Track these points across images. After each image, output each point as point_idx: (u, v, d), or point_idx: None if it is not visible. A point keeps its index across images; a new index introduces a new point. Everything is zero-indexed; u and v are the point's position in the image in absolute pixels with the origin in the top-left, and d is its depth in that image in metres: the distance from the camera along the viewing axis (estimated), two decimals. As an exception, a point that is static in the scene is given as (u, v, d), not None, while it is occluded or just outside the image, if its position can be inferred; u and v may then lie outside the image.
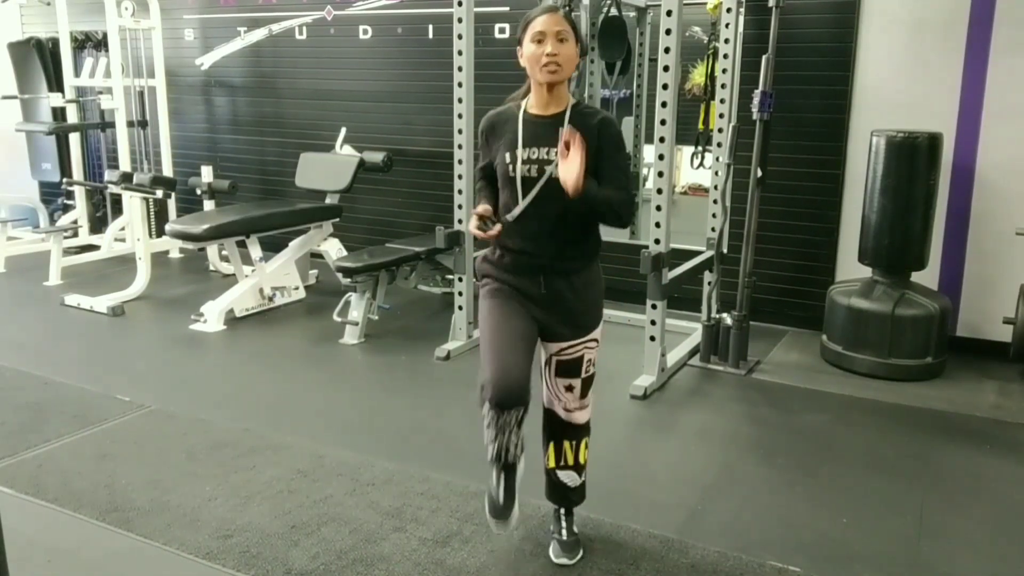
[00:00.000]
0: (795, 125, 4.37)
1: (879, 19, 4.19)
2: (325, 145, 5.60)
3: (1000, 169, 4.05)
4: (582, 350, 2.27)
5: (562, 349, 2.26)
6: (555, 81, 2.14)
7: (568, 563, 2.35)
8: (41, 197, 6.97)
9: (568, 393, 2.31)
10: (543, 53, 2.09)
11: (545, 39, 2.10)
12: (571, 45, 2.12)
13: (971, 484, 2.90)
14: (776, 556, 2.39)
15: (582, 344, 2.26)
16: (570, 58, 2.13)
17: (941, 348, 3.90)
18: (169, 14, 6.13)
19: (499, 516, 2.16)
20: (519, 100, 2.26)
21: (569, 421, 2.35)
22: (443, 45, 4.71)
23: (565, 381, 2.30)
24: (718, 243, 4.25)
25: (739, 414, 3.52)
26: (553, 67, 2.10)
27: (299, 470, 2.89)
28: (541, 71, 2.11)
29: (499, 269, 2.26)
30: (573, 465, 2.37)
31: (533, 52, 2.11)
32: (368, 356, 4.22)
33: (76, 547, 2.44)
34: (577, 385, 2.30)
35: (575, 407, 2.34)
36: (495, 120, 2.26)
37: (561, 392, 2.32)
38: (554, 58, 2.09)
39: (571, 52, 2.13)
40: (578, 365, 2.28)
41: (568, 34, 2.12)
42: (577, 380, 2.29)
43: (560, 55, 2.10)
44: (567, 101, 2.19)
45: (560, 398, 2.32)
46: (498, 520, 2.17)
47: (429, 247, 4.51)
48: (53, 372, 3.83)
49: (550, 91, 2.17)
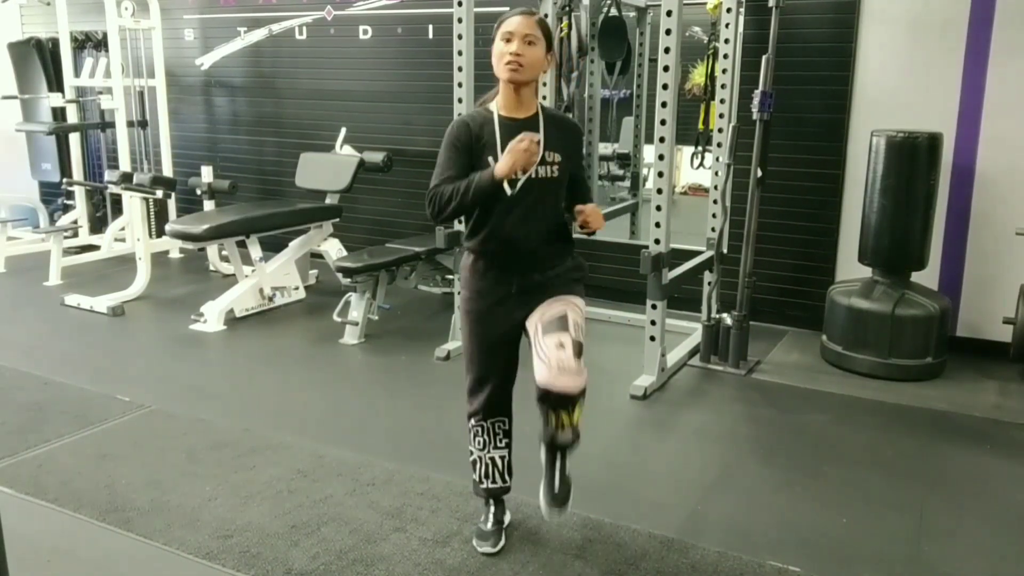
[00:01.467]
0: (795, 125, 4.36)
1: (879, 19, 4.19)
2: (325, 145, 5.60)
3: (1000, 169, 4.05)
4: (564, 306, 2.19)
5: (545, 312, 2.18)
6: (515, 80, 2.17)
7: (558, 516, 2.24)
8: (41, 197, 6.98)
9: (560, 351, 2.09)
10: (508, 51, 2.13)
11: (513, 39, 2.13)
12: (538, 50, 2.16)
13: (971, 484, 2.90)
14: (776, 556, 2.39)
15: (563, 301, 2.21)
16: (534, 61, 2.16)
17: (941, 348, 3.90)
18: (169, 14, 6.13)
19: (485, 541, 2.40)
20: (488, 103, 2.28)
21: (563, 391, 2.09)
22: (443, 45, 4.71)
23: (554, 337, 2.12)
24: (718, 243, 4.25)
25: (739, 414, 3.52)
26: (515, 66, 2.14)
27: (299, 470, 2.89)
28: (503, 68, 2.15)
29: (474, 276, 2.30)
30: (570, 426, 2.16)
31: (500, 50, 2.16)
32: (368, 356, 4.22)
33: (76, 547, 2.44)
34: (567, 341, 2.10)
35: (568, 366, 2.08)
36: (473, 126, 2.23)
37: (553, 351, 2.10)
38: (517, 58, 2.13)
39: (537, 56, 2.16)
40: (563, 320, 2.15)
41: (537, 39, 2.15)
42: (566, 335, 2.12)
43: (524, 56, 2.13)
44: (536, 103, 2.25)
45: (551, 358, 2.10)
46: (483, 544, 2.39)
47: (429, 247, 4.51)
48: (53, 372, 3.84)
49: (517, 92, 2.20)
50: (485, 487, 2.45)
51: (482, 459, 2.43)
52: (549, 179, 2.22)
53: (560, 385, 2.07)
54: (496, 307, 2.29)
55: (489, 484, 2.44)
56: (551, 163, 2.21)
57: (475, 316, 2.33)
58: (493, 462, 2.42)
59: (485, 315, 2.31)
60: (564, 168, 2.24)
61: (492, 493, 2.46)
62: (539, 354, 2.12)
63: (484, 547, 2.39)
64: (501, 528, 2.45)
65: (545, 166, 2.20)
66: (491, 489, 2.45)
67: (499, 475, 2.44)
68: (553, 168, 2.22)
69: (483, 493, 2.47)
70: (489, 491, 2.45)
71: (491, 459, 2.42)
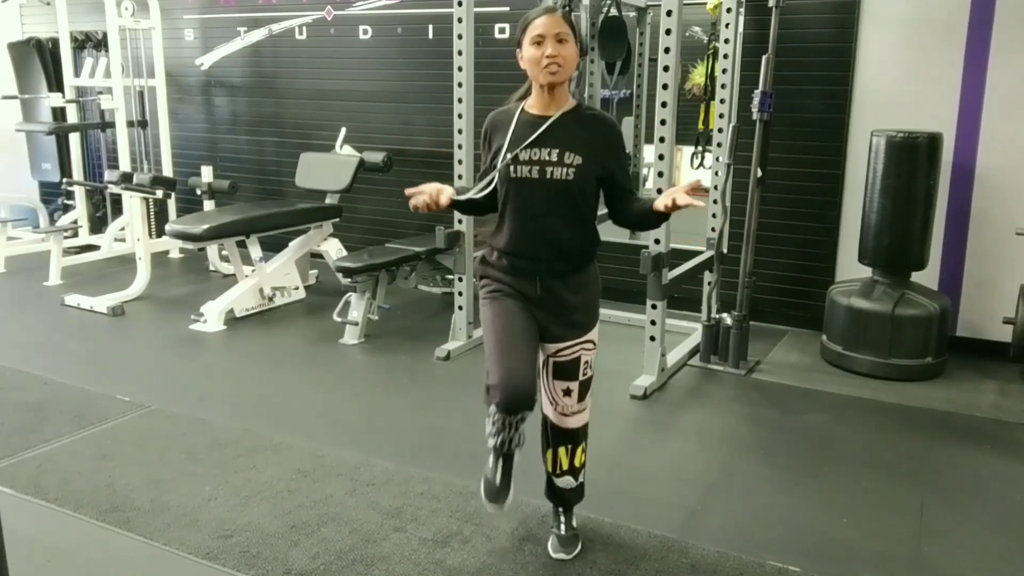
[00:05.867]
0: (795, 125, 4.37)
1: (879, 19, 4.19)
2: (325, 145, 5.60)
3: (1000, 169, 4.04)
4: (579, 351, 2.26)
5: (559, 350, 2.26)
6: (556, 82, 2.14)
7: (566, 558, 2.36)
8: (41, 197, 6.97)
9: (566, 397, 2.30)
10: (543, 55, 2.09)
11: (544, 41, 2.09)
12: (571, 46, 2.13)
13: (971, 484, 2.90)
14: (776, 556, 2.39)
15: (579, 345, 2.26)
16: (570, 58, 2.13)
17: (941, 348, 3.90)
18: (169, 14, 6.13)
19: (494, 499, 2.19)
20: (519, 100, 2.26)
21: (565, 427, 2.34)
22: (443, 45, 4.71)
23: (563, 384, 2.29)
24: (718, 243, 4.25)
25: (739, 414, 3.52)
26: (554, 68, 2.10)
27: (299, 470, 2.89)
28: (542, 72, 2.11)
29: (497, 270, 2.26)
30: (569, 470, 2.38)
31: (533, 54, 2.11)
32: (368, 356, 4.22)
33: (76, 547, 2.44)
34: (575, 388, 2.29)
35: (572, 411, 2.32)
36: (497, 120, 2.27)
37: (559, 396, 2.31)
38: (554, 59, 2.09)
39: (571, 52, 2.13)
40: (575, 367, 2.27)
41: (567, 35, 2.12)
42: (575, 383, 2.29)
43: (560, 56, 2.10)
44: (568, 102, 2.20)
45: (558, 402, 2.31)
46: (493, 503, 2.20)
47: (429, 247, 4.51)
48: (53, 372, 3.83)
49: (551, 92, 2.17)
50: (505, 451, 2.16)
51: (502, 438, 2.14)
52: (563, 181, 2.13)
53: (560, 424, 2.33)
54: (521, 296, 2.21)
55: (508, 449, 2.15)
56: (568, 164, 2.12)
57: (498, 295, 2.23)
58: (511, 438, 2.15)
59: (510, 300, 2.21)
60: (584, 171, 2.13)
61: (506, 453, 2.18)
62: (547, 393, 2.32)
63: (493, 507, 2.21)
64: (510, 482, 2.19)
65: (561, 167, 2.12)
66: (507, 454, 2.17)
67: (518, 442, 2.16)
68: (568, 171, 2.12)
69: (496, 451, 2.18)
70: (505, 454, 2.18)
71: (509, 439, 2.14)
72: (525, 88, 2.26)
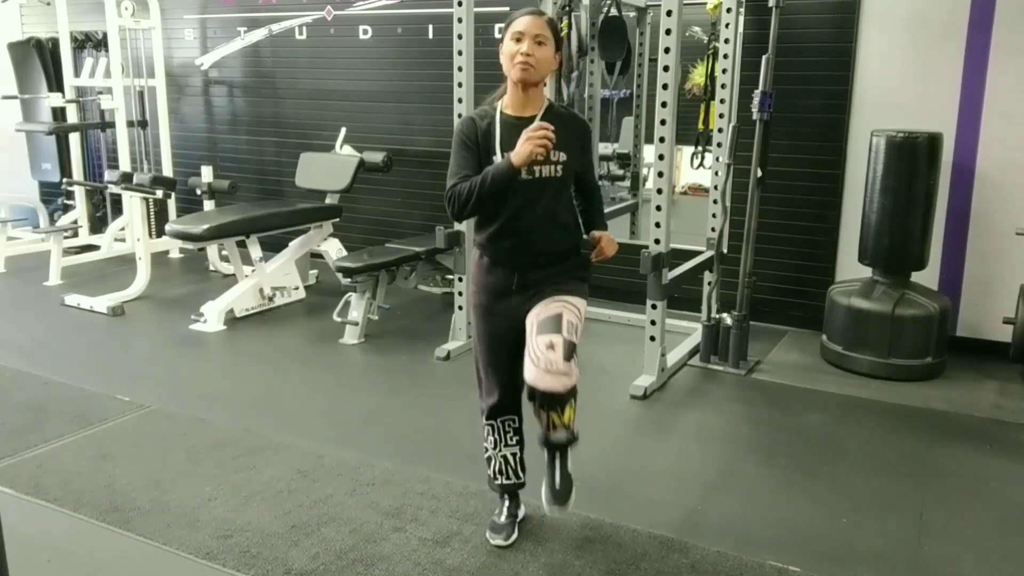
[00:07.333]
0: (795, 125, 4.37)
1: (879, 19, 4.19)
2: (325, 145, 5.60)
3: (1000, 169, 4.05)
4: (560, 308, 2.20)
5: (542, 309, 2.21)
6: (527, 80, 2.17)
7: (559, 514, 2.28)
8: (41, 197, 6.97)
9: (550, 351, 2.12)
10: (519, 51, 2.13)
11: (523, 39, 2.14)
12: (548, 49, 2.17)
13: (971, 484, 2.90)
14: (776, 556, 2.39)
15: (560, 302, 2.22)
16: (545, 61, 2.17)
17: (941, 348, 3.90)
18: (169, 14, 6.13)
19: (497, 533, 2.44)
20: (495, 102, 2.28)
21: (552, 390, 2.12)
22: (443, 45, 4.71)
23: (546, 338, 2.14)
24: (718, 243, 4.25)
25: (739, 414, 3.52)
26: (525, 66, 2.14)
27: (299, 470, 2.89)
28: (514, 68, 2.15)
29: (480, 271, 2.33)
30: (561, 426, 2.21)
31: (510, 50, 2.16)
32: (368, 356, 4.22)
33: (76, 547, 2.44)
34: (558, 343, 2.12)
35: (557, 369, 2.11)
36: (479, 123, 2.25)
37: (543, 351, 2.13)
38: (528, 58, 2.13)
39: (547, 55, 2.17)
40: (558, 320, 2.16)
41: (547, 39, 2.16)
42: (558, 336, 2.13)
43: (535, 56, 2.14)
44: (543, 102, 2.25)
45: (542, 357, 2.13)
46: (495, 536, 2.43)
47: (429, 247, 4.51)
48: (53, 372, 3.84)
49: (525, 91, 2.20)
50: (499, 483, 2.48)
51: (495, 457, 2.46)
52: (552, 178, 2.21)
53: (545, 385, 2.11)
54: (499, 301, 2.30)
55: (503, 480, 2.47)
56: (555, 162, 2.20)
57: (481, 311, 2.36)
58: (505, 459, 2.45)
59: (490, 310, 2.33)
60: (569, 168, 2.24)
61: (506, 488, 2.49)
62: (530, 353, 2.16)
63: (497, 539, 2.41)
64: (514, 522, 2.48)
65: (549, 165, 2.20)
66: (505, 485, 2.48)
67: (512, 472, 2.46)
68: (557, 168, 2.21)
69: (497, 489, 2.50)
70: (503, 487, 2.48)
71: (503, 457, 2.45)
72: (501, 89, 2.29)
